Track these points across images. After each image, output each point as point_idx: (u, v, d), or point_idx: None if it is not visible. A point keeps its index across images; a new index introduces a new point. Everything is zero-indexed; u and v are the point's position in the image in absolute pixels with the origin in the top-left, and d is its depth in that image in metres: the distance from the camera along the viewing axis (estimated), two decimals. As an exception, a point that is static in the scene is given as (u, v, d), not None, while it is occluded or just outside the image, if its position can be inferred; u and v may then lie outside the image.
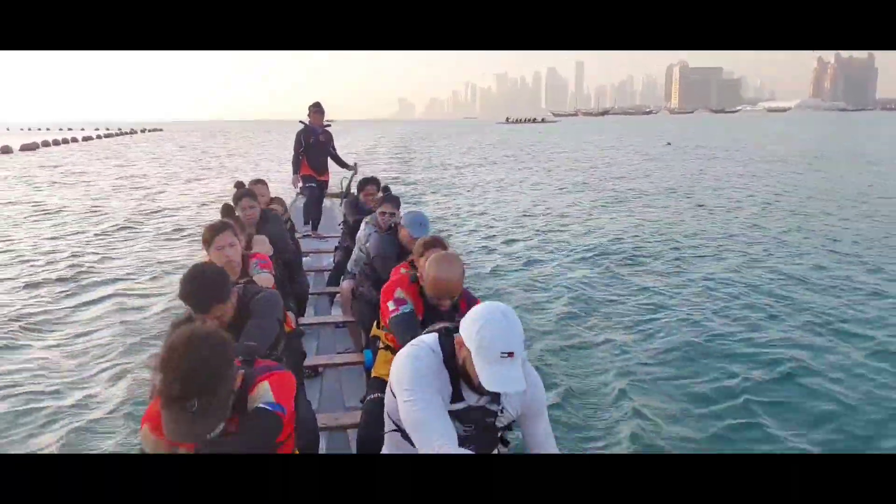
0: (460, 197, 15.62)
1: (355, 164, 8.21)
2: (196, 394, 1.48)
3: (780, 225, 10.89)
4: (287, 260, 4.11)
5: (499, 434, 1.93)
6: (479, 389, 1.74)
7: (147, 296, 6.97)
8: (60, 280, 7.60)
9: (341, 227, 5.80)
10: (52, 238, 10.44)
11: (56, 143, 46.59)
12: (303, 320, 4.23)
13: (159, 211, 13.48)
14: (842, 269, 7.73)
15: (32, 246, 9.73)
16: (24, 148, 39.73)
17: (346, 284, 4.38)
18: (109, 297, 6.89)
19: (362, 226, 4.55)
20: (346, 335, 4.40)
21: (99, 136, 61.22)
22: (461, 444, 1.76)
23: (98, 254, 9.16)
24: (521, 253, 9.18)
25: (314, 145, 7.46)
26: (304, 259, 5.54)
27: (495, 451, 1.95)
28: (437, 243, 2.88)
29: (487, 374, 1.65)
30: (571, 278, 7.62)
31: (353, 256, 4.57)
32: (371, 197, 5.28)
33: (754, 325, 5.83)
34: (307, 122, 7.50)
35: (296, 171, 7.59)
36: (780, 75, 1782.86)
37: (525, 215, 12.60)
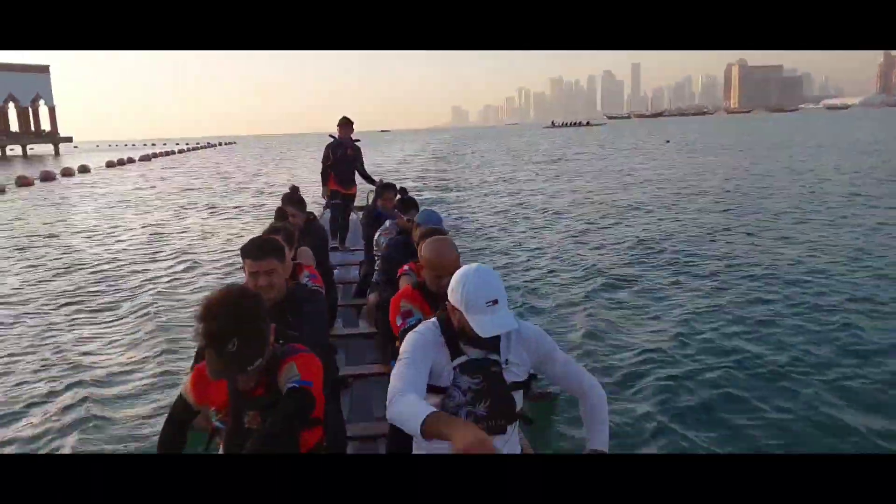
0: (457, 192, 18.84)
1: (380, 180, 7.38)
2: (233, 334, 1.71)
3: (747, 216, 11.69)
4: (324, 272, 4.10)
5: (512, 389, 1.97)
6: (477, 343, 1.89)
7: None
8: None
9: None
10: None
11: (162, 154, 58.42)
12: (331, 333, 4.31)
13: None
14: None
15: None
16: (143, 158, 50.32)
17: (372, 297, 4.40)
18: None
19: (377, 234, 4.71)
20: (373, 346, 4.45)
21: (191, 149, 72.79)
22: (476, 400, 1.93)
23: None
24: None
25: (341, 159, 7.69)
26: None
27: (518, 408, 2.01)
28: (436, 231, 2.81)
29: (479, 324, 1.80)
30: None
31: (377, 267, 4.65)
32: (390, 203, 5.34)
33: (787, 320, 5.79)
34: (336, 136, 7.77)
35: (324, 183, 7.84)
36: (847, 71, 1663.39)
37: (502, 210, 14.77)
